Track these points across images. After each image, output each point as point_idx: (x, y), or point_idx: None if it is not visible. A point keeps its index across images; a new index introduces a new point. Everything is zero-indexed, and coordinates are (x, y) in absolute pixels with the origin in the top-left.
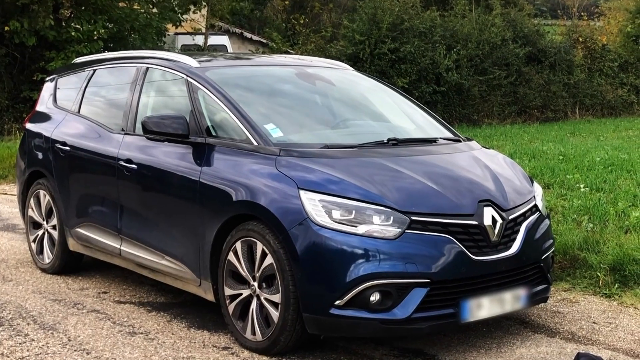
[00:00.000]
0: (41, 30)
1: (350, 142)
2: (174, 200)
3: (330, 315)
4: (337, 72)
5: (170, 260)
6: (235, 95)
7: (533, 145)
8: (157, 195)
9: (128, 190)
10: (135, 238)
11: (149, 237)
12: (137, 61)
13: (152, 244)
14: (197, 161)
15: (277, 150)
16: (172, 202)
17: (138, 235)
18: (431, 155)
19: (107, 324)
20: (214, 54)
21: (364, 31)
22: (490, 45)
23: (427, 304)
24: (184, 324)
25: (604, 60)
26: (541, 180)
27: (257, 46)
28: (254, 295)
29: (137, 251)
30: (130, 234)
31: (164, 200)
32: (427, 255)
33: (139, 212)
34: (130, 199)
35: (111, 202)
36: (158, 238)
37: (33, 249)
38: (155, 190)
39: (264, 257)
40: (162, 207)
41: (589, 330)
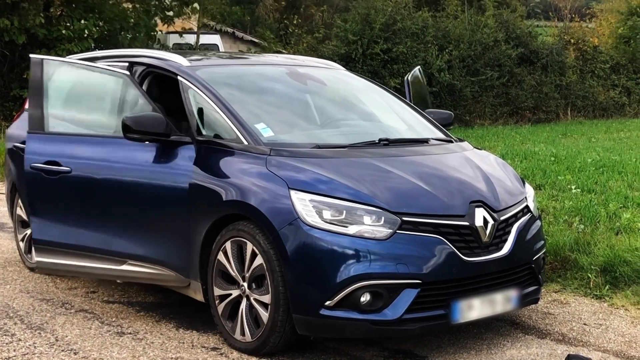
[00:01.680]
0: (31, 29)
1: (342, 142)
2: (162, 200)
3: (320, 316)
4: (329, 71)
5: (137, 264)
6: (225, 94)
7: (525, 146)
8: (145, 195)
9: (111, 192)
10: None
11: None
12: (127, 60)
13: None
14: (186, 161)
15: (268, 149)
16: (160, 203)
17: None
18: (423, 155)
19: (95, 324)
20: (205, 53)
21: (356, 31)
22: (483, 46)
23: (417, 305)
24: (173, 324)
25: (595, 61)
26: (533, 181)
27: (249, 46)
28: (244, 295)
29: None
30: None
31: (150, 202)
32: (418, 256)
33: (114, 219)
34: (109, 203)
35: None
36: (122, 243)
37: (21, 248)
38: (144, 191)
39: (254, 257)
40: (149, 210)
41: (579, 332)
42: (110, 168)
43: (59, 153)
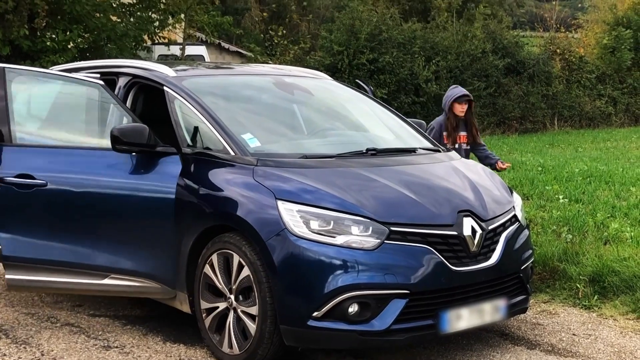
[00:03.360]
0: (15, 40)
1: (329, 152)
2: (147, 212)
3: (308, 327)
4: (316, 81)
5: (120, 277)
6: (212, 104)
7: (512, 156)
8: (129, 208)
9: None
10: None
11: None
12: (113, 70)
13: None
14: (172, 172)
15: (255, 160)
16: (144, 214)
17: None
18: (410, 165)
19: (82, 338)
20: (191, 64)
21: (342, 42)
22: (470, 57)
23: (406, 315)
24: (160, 337)
25: (581, 71)
26: (520, 191)
27: (235, 57)
28: (231, 308)
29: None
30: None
31: (135, 213)
32: (406, 266)
33: (83, 233)
34: (89, 216)
35: None
36: (104, 257)
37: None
38: (124, 205)
39: (241, 269)
40: (133, 222)
41: (568, 342)
42: (91, 180)
43: (31, 166)
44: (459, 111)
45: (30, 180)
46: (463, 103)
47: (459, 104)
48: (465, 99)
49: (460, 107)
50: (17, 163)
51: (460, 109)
